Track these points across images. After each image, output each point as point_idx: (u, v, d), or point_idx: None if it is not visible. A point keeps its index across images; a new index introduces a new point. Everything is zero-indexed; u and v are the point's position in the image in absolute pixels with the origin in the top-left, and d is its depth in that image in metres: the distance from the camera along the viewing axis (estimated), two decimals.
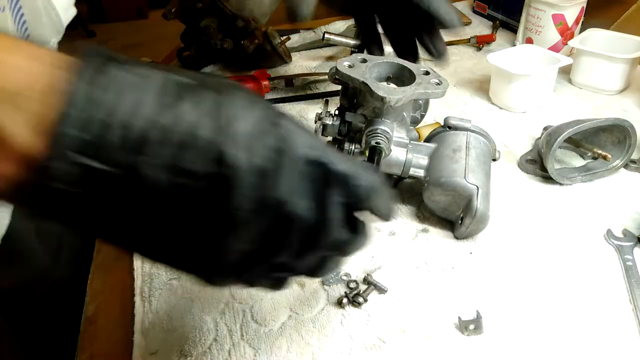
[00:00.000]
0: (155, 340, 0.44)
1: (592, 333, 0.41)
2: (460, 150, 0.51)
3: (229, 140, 0.24)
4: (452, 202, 0.50)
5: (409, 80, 0.51)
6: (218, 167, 0.24)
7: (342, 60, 0.51)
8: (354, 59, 0.52)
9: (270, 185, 0.25)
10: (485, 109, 0.75)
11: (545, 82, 0.72)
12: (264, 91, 0.79)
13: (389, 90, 0.48)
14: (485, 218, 0.49)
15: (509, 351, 0.40)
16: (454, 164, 0.50)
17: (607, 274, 0.47)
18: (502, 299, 0.45)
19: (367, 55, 0.53)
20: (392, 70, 0.54)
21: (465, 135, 0.53)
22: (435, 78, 0.51)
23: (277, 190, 0.25)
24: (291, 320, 0.44)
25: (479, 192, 0.48)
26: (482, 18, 1.07)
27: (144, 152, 0.23)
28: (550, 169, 0.56)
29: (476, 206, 0.48)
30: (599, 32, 0.78)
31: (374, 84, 0.48)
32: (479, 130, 0.54)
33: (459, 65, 0.88)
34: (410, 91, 0.48)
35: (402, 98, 0.47)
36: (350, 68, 0.51)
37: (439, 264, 0.49)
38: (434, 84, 0.50)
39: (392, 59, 0.54)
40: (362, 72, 0.50)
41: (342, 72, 0.50)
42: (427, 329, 0.43)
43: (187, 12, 0.84)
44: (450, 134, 0.54)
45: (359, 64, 0.51)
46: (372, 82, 0.48)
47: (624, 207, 0.54)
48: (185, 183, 0.24)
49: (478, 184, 0.48)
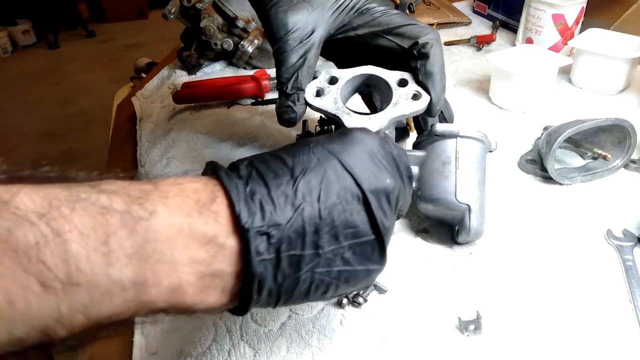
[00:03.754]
0: (155, 341, 0.44)
1: (592, 333, 0.41)
2: (450, 163, 0.48)
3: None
4: (445, 215, 0.49)
5: (386, 89, 0.47)
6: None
7: (309, 86, 0.46)
8: (322, 80, 0.47)
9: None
10: (485, 109, 0.75)
11: (545, 82, 0.72)
12: (264, 91, 0.79)
13: (363, 123, 0.44)
14: (479, 233, 0.48)
15: (509, 351, 0.40)
16: (444, 180, 0.48)
17: (607, 274, 0.47)
18: (502, 299, 0.45)
19: (338, 71, 0.48)
20: (367, 80, 0.49)
21: (454, 144, 0.49)
22: (413, 89, 0.46)
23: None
24: (291, 320, 0.44)
25: (470, 210, 0.47)
26: (482, 18, 1.07)
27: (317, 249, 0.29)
28: (550, 169, 0.56)
29: (469, 225, 0.47)
30: (599, 32, 0.78)
31: (347, 118, 0.44)
32: (469, 134, 0.49)
33: (459, 65, 0.88)
34: (386, 117, 0.44)
35: (380, 129, 0.44)
36: (319, 96, 0.46)
37: (439, 264, 0.49)
38: (412, 99, 0.45)
39: (365, 69, 0.48)
40: (332, 100, 0.46)
41: (310, 105, 0.46)
42: (427, 329, 0.42)
43: (187, 12, 0.84)
44: (438, 143, 0.49)
45: (328, 87, 0.47)
46: (344, 113, 0.45)
47: (624, 207, 0.54)
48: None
49: (469, 202, 0.47)
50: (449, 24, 1.04)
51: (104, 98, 1.87)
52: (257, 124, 0.74)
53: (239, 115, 0.77)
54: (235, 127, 0.73)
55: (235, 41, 0.87)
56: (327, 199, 0.29)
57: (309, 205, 0.29)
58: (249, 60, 0.89)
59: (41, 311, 0.22)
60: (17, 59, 3.83)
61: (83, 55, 3.81)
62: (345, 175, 0.30)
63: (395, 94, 0.46)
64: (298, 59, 0.45)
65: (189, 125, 0.75)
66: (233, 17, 0.86)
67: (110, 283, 0.24)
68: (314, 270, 0.29)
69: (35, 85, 3.35)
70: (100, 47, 3.98)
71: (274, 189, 0.29)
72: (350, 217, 0.30)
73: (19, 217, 0.22)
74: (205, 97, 0.79)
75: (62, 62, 3.74)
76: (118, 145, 0.82)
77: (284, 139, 0.70)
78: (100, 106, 2.56)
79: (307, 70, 0.46)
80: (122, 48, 3.85)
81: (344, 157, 0.31)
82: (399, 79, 0.47)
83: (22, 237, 0.22)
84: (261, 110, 0.77)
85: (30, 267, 0.22)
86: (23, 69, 3.60)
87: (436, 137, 0.49)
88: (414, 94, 0.46)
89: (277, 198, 0.28)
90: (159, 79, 0.92)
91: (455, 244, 0.51)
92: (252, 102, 0.80)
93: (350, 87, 0.49)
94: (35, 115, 2.91)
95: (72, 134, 2.75)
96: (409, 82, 0.47)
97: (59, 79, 3.46)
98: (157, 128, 0.78)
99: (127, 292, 0.24)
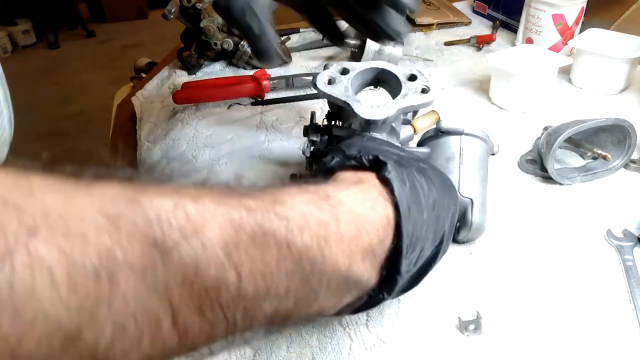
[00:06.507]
0: None
1: (592, 333, 0.41)
2: (454, 159, 0.50)
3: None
4: None
5: (395, 84, 0.48)
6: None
7: (321, 74, 0.47)
8: (333, 70, 0.48)
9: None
10: (485, 109, 0.75)
11: (545, 82, 0.72)
12: (264, 91, 0.79)
13: (372, 110, 0.45)
14: (481, 229, 0.48)
15: (509, 351, 0.40)
16: (448, 174, 0.47)
17: (607, 274, 0.46)
18: (502, 299, 0.45)
19: (349, 64, 0.49)
20: (377, 74, 0.50)
21: (459, 140, 0.51)
22: (422, 83, 0.47)
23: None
24: None
25: (473, 205, 0.47)
26: (482, 18, 1.07)
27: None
28: (550, 169, 0.56)
29: (471, 219, 0.47)
30: (599, 32, 0.78)
31: (357, 105, 0.45)
32: (473, 132, 0.51)
33: (459, 65, 0.88)
34: (394, 107, 0.45)
35: (387, 117, 0.45)
36: (330, 84, 0.47)
37: (438, 264, 0.48)
38: (421, 92, 0.46)
39: (376, 63, 0.50)
40: (343, 89, 0.46)
41: (321, 91, 0.47)
42: (427, 329, 0.42)
43: (187, 12, 0.84)
44: (443, 139, 0.51)
45: (340, 77, 0.47)
46: (354, 100, 0.45)
47: (624, 207, 0.54)
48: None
49: (472, 196, 0.48)
50: (449, 24, 1.04)
51: (104, 98, 1.86)
52: (257, 124, 0.74)
53: (239, 115, 0.77)
54: (235, 127, 0.73)
55: (235, 41, 0.87)
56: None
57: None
58: (249, 60, 0.89)
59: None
60: (17, 59, 3.82)
61: (83, 55, 3.81)
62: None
63: (404, 87, 0.47)
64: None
65: (189, 125, 0.75)
66: None
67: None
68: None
69: (35, 85, 3.35)
70: (100, 47, 3.98)
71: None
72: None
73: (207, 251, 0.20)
74: (205, 97, 0.79)
75: (62, 62, 3.73)
76: (118, 145, 0.82)
77: (285, 138, 0.70)
78: (100, 106, 2.55)
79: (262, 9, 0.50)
80: (122, 48, 3.84)
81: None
82: (409, 74, 0.48)
83: (207, 276, 0.20)
84: (261, 110, 0.77)
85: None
86: (23, 69, 3.59)
87: (441, 134, 0.51)
88: (422, 89, 0.47)
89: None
90: (159, 79, 0.92)
91: (455, 243, 0.50)
92: (252, 102, 0.80)
93: (360, 80, 0.50)
94: (35, 115, 2.91)
95: (72, 134, 2.75)
96: (418, 77, 0.48)
97: (59, 79, 3.46)
98: (157, 128, 0.78)
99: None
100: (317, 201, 0.27)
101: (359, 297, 0.31)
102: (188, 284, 0.20)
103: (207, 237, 0.21)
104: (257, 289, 0.22)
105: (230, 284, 0.21)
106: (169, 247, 0.19)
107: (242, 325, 0.23)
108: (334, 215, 0.27)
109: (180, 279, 0.19)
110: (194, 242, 0.20)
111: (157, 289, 0.19)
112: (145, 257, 0.19)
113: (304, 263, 0.25)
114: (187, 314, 0.20)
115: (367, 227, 0.29)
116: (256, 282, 0.22)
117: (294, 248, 0.24)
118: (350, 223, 0.28)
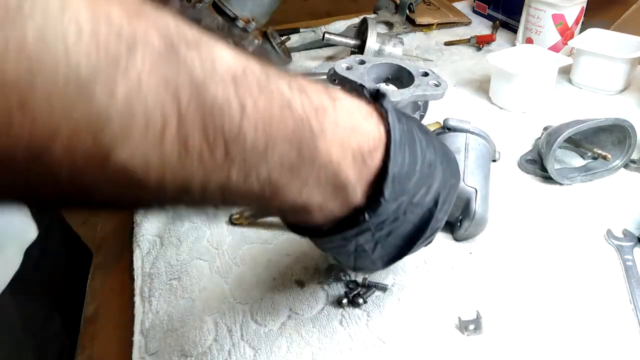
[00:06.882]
0: (155, 341, 0.44)
1: (592, 333, 0.41)
2: (459, 152, 0.51)
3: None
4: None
5: (407, 81, 0.51)
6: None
7: (340, 62, 0.51)
8: (352, 60, 0.52)
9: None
10: (485, 109, 0.75)
11: (545, 82, 0.72)
12: None
13: (387, 93, 0.48)
14: (484, 221, 0.48)
15: (509, 351, 0.40)
16: None
17: (607, 274, 0.47)
18: (502, 299, 0.45)
19: (366, 57, 0.53)
20: (391, 71, 0.53)
21: (465, 137, 0.53)
22: (434, 79, 0.50)
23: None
24: (291, 320, 0.44)
25: (477, 194, 0.48)
26: (482, 18, 1.07)
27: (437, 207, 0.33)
28: (550, 169, 0.56)
29: (474, 209, 0.48)
30: (599, 32, 0.78)
31: (372, 87, 0.48)
32: (478, 132, 0.54)
33: (459, 65, 0.88)
34: (408, 93, 0.48)
35: (400, 101, 0.47)
36: (348, 70, 0.50)
37: (438, 264, 0.49)
38: (433, 86, 0.49)
39: (391, 59, 0.53)
40: (360, 74, 0.49)
41: (339, 75, 0.50)
42: (427, 328, 0.42)
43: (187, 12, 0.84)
44: (449, 135, 0.53)
45: (357, 66, 0.51)
46: (370, 84, 0.48)
47: (624, 207, 0.54)
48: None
49: (476, 187, 0.48)
50: (449, 24, 1.04)
51: None
52: None
53: None
54: None
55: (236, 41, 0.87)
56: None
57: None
58: None
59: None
60: None
61: None
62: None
63: (417, 80, 0.50)
64: None
65: None
66: (233, 17, 0.86)
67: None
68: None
69: None
70: None
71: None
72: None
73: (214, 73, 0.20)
74: None
75: None
76: None
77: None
78: None
79: None
80: None
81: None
82: (422, 72, 0.52)
83: (211, 93, 0.20)
84: None
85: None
86: None
87: (448, 130, 0.53)
88: (434, 83, 0.50)
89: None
90: None
91: (454, 244, 0.51)
92: None
93: (375, 73, 0.53)
94: None
95: None
96: (429, 74, 0.51)
97: None
98: None
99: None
100: (319, 87, 0.27)
101: (343, 209, 0.29)
102: (195, 93, 0.19)
103: (217, 60, 0.21)
104: (257, 140, 0.22)
105: (233, 115, 0.21)
106: (183, 53, 0.20)
107: (235, 183, 0.22)
108: (332, 104, 0.27)
109: (188, 83, 0.19)
110: (204, 56, 0.20)
111: (168, 83, 0.19)
112: (161, 46, 0.19)
113: (302, 132, 0.24)
114: (191, 127, 0.20)
115: (360, 132, 0.28)
116: (257, 128, 0.22)
117: (295, 112, 0.24)
118: (345, 119, 0.27)
